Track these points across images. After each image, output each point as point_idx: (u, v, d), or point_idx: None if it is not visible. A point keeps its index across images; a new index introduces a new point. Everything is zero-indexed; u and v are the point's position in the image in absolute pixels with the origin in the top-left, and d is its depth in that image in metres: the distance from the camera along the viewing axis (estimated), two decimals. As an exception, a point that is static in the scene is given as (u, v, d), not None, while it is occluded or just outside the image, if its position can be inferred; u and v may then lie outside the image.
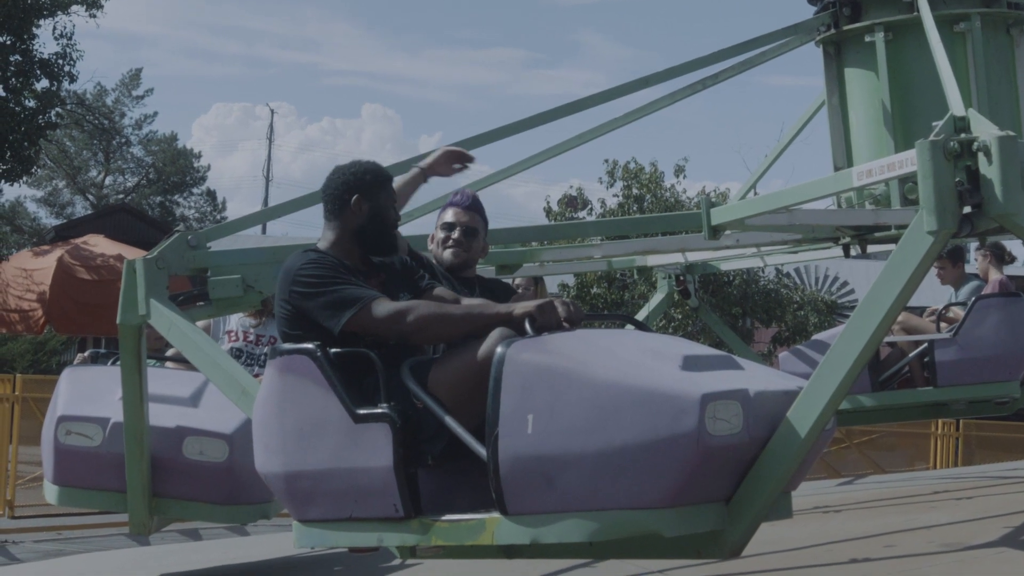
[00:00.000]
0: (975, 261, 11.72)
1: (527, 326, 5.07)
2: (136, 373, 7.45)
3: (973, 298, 10.70)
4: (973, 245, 11.57)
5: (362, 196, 5.73)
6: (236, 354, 9.23)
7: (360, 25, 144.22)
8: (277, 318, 5.64)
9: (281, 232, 62.48)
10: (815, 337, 12.13)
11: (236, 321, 9.38)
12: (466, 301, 5.66)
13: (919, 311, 11.35)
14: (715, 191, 29.08)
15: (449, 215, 6.78)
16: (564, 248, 11.15)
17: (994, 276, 11.39)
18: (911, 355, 10.70)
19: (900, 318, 10.38)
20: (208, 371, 6.88)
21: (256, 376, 7.36)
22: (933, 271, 11.56)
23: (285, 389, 5.38)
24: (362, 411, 5.19)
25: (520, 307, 5.19)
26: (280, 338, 5.64)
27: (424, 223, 8.59)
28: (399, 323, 5.31)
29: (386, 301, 5.38)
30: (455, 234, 6.71)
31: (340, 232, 5.75)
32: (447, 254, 6.68)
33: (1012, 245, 11.98)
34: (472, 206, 6.80)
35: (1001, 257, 11.56)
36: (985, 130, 5.10)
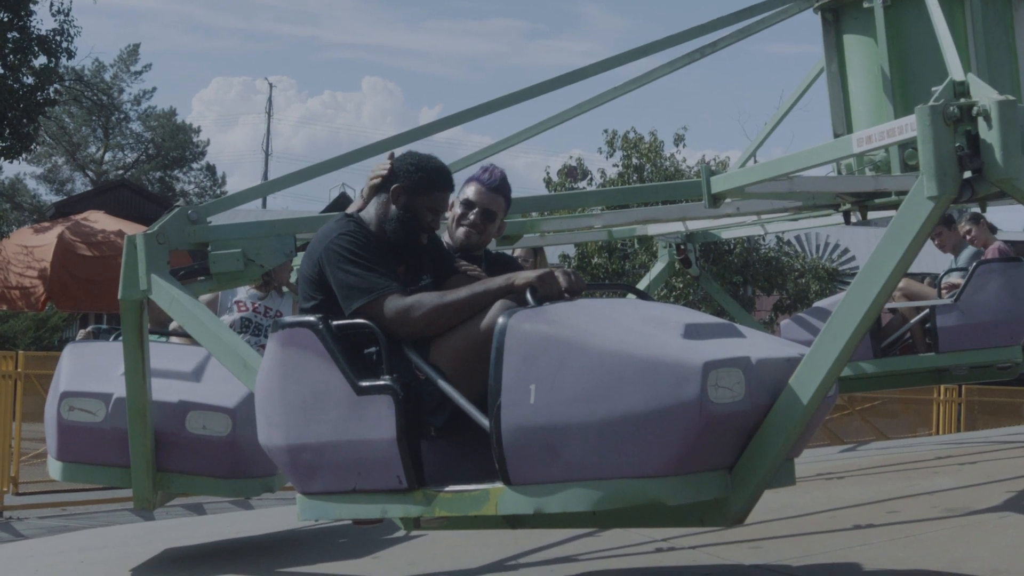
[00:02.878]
0: (965, 235, 11.72)
1: (528, 296, 5.07)
2: (138, 348, 7.45)
3: (974, 263, 10.69)
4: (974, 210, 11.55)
5: (403, 189, 5.72)
6: (245, 323, 9.24)
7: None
8: (300, 278, 5.66)
9: (281, 206, 62.48)
10: (816, 304, 12.12)
11: (244, 292, 9.38)
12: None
13: (920, 278, 11.34)
14: (715, 159, 29.14)
15: (471, 192, 6.47)
16: (564, 218, 11.12)
17: (992, 242, 11.40)
18: (912, 321, 10.71)
19: (901, 284, 10.38)
20: (210, 345, 6.88)
21: (262, 347, 7.37)
22: (932, 242, 11.58)
23: (287, 362, 5.39)
24: (365, 383, 5.20)
25: (521, 277, 5.19)
26: (300, 299, 5.66)
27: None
28: (407, 322, 5.32)
29: (397, 298, 5.37)
30: (472, 215, 6.43)
31: (378, 211, 5.77)
32: (460, 232, 6.44)
33: (1009, 211, 11.98)
34: (498, 188, 6.49)
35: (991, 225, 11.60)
36: (985, 94, 5.09)
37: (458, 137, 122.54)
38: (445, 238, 6.44)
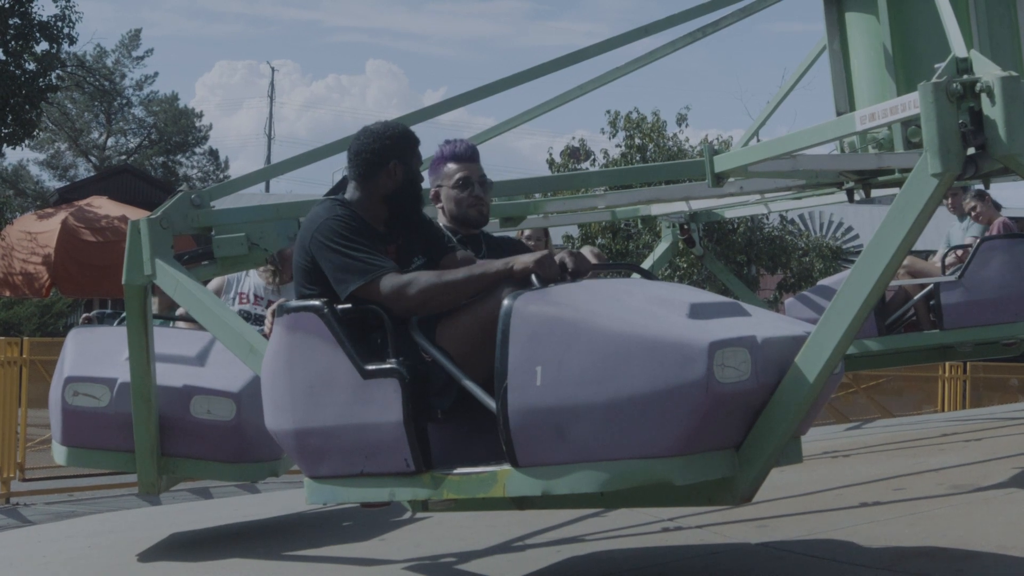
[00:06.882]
0: (970, 212, 11.72)
1: (533, 279, 5.06)
2: (142, 333, 7.45)
3: (978, 240, 10.70)
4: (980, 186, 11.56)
5: (399, 162, 5.69)
6: (244, 316, 9.20)
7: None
8: (295, 269, 5.60)
9: (285, 190, 62.38)
10: (821, 283, 12.11)
11: (250, 285, 9.35)
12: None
13: (924, 255, 11.35)
14: (718, 139, 29.00)
15: (461, 170, 6.25)
16: (568, 199, 11.11)
17: (996, 218, 11.41)
18: (917, 298, 10.70)
19: (905, 262, 10.38)
20: (215, 329, 6.88)
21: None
22: (944, 203, 11.57)
23: (293, 346, 5.38)
24: (371, 367, 5.19)
25: (519, 262, 5.16)
26: (295, 292, 5.62)
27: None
28: (402, 299, 5.28)
29: (393, 276, 5.33)
30: (476, 190, 6.23)
31: (370, 194, 5.69)
32: (471, 212, 6.24)
33: (1015, 188, 12.00)
34: (475, 155, 6.33)
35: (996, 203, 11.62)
36: (987, 71, 5.07)
37: (462, 119, 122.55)
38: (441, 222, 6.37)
